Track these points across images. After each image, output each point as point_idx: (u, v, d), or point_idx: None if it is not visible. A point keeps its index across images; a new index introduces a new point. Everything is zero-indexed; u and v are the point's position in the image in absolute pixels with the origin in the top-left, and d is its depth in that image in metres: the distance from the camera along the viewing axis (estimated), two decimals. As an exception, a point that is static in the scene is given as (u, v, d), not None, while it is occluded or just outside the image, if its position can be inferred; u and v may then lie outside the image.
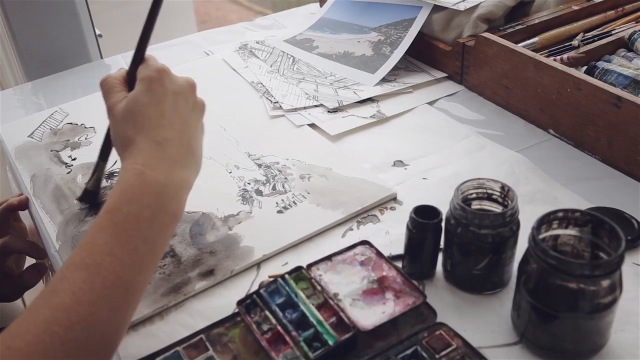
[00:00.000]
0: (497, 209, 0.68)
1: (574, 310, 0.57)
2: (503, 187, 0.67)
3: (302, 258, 0.74)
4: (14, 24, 1.19)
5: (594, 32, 1.10)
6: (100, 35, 1.42)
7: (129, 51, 1.27)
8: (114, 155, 0.76)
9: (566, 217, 0.61)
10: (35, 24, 1.20)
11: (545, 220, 0.60)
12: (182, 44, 1.31)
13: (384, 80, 1.10)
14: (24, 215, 0.95)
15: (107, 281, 0.56)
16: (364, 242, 0.72)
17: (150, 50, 1.10)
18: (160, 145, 0.65)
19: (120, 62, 1.24)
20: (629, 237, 0.73)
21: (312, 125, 0.99)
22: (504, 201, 0.67)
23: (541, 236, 0.61)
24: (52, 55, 1.23)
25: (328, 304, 0.65)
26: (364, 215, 0.80)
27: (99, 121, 1.02)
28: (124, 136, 0.66)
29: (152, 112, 0.66)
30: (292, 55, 1.19)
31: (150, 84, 0.68)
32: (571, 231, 0.62)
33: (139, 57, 0.72)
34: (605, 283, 0.56)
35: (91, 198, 0.84)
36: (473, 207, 0.69)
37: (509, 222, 0.64)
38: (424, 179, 0.87)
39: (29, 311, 0.54)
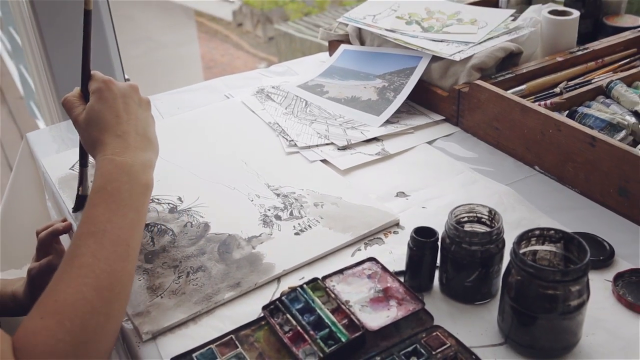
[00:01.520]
0: (485, 230, 0.79)
1: (549, 312, 0.68)
2: (490, 211, 0.79)
3: (316, 273, 0.85)
4: (55, 66, 1.32)
5: (576, 81, 1.22)
6: (128, 79, 1.55)
7: (155, 94, 1.40)
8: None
9: (542, 234, 0.72)
10: (73, 68, 1.33)
11: (525, 237, 0.72)
12: (204, 88, 1.44)
13: (388, 122, 1.22)
14: (63, 238, 1.07)
15: (112, 241, 0.72)
16: (371, 259, 0.84)
17: (175, 94, 1.25)
18: (120, 137, 0.82)
19: (148, 104, 1.37)
20: (601, 257, 0.85)
21: (324, 161, 1.11)
22: (491, 223, 0.79)
23: (522, 251, 0.72)
24: (87, 97, 1.36)
25: (340, 309, 0.75)
26: (370, 237, 0.92)
27: (132, 156, 1.14)
28: (91, 138, 0.83)
29: (108, 115, 0.83)
30: (304, 99, 1.32)
31: (101, 94, 0.84)
32: (547, 247, 0.73)
33: (86, 74, 0.88)
34: (574, 288, 0.67)
35: (83, 202, 0.98)
36: (465, 228, 0.80)
37: (495, 240, 0.76)
38: (423, 207, 0.98)
39: (59, 275, 0.69)
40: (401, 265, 0.84)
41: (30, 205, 1.29)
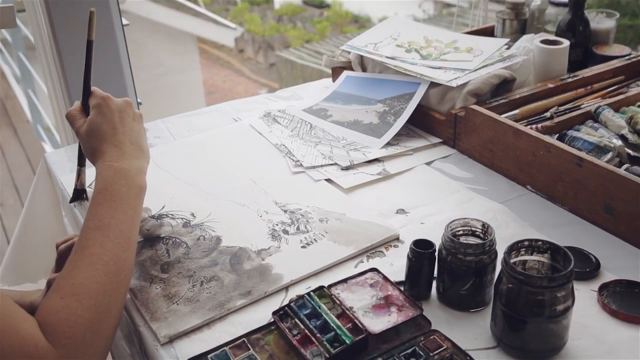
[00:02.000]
0: (479, 242, 0.85)
1: (538, 316, 0.74)
2: (484, 224, 0.85)
3: (322, 283, 0.90)
4: (72, 90, 1.39)
5: (567, 106, 1.29)
6: (140, 103, 1.63)
7: (167, 116, 1.47)
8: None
9: (531, 245, 0.79)
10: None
11: (514, 248, 0.78)
12: (213, 111, 1.51)
13: (389, 144, 1.29)
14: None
15: (115, 234, 0.83)
16: (373, 269, 0.90)
17: (185, 117, 1.32)
18: (117, 146, 0.93)
19: (160, 126, 1.44)
20: (587, 269, 0.91)
21: (328, 180, 1.17)
22: (484, 236, 0.85)
23: (512, 261, 0.79)
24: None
25: (345, 314, 0.81)
26: (372, 250, 0.98)
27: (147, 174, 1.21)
28: (91, 148, 0.95)
29: (106, 127, 0.95)
30: (309, 122, 1.39)
31: (100, 108, 0.96)
32: (535, 257, 0.79)
33: (87, 91, 0.99)
34: (560, 294, 0.73)
35: (79, 195, 1.14)
36: (460, 240, 0.86)
37: (488, 251, 0.82)
38: (421, 223, 1.04)
39: (72, 263, 0.80)
40: (401, 276, 0.90)
41: (46, 222, 1.35)
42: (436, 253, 0.86)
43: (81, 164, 1.11)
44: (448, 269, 0.84)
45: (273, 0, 16.59)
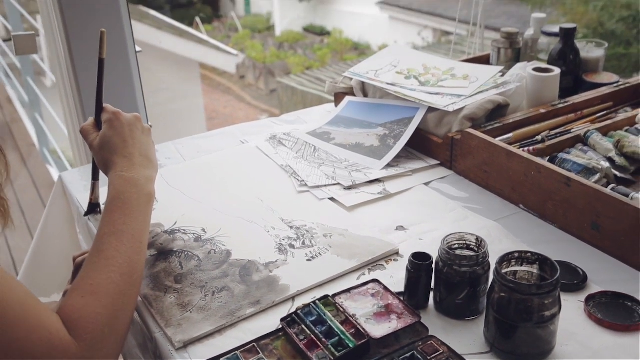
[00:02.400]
0: (473, 254, 0.91)
1: (527, 321, 0.80)
2: (477, 238, 0.91)
3: (326, 293, 0.96)
4: (86, 109, 1.46)
5: (557, 130, 1.36)
6: (150, 126, 1.69)
7: (178, 139, 1.54)
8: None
9: (520, 256, 0.85)
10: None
11: (505, 259, 0.84)
12: (221, 134, 1.58)
13: (389, 165, 1.35)
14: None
15: (128, 239, 0.90)
16: (375, 280, 0.96)
17: (195, 139, 1.40)
18: (127, 158, 1.01)
19: (171, 147, 1.50)
20: (575, 282, 0.97)
21: (332, 199, 1.24)
22: (478, 249, 0.91)
23: (503, 271, 0.85)
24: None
25: (348, 321, 0.87)
26: (373, 264, 1.04)
27: (158, 193, 1.27)
28: (104, 159, 1.02)
29: (117, 140, 1.02)
30: (313, 145, 1.46)
31: (112, 123, 1.04)
32: (525, 268, 0.85)
33: (99, 107, 1.08)
34: (547, 301, 0.79)
35: (94, 209, 1.21)
36: (456, 253, 0.92)
37: (482, 263, 0.88)
38: (420, 239, 1.11)
39: (89, 265, 0.87)
40: (401, 287, 0.96)
41: (61, 239, 1.41)
42: (433, 265, 0.92)
43: (95, 177, 1.18)
44: (444, 280, 0.90)
45: (274, 27, 16.82)
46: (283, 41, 15.61)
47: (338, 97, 1.65)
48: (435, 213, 1.19)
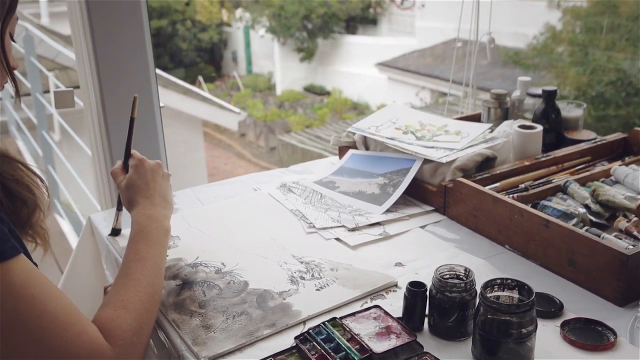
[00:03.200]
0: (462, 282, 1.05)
1: (508, 337, 0.93)
2: (466, 269, 1.05)
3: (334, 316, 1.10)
4: (114, 156, 1.62)
5: (540, 181, 1.51)
6: (169, 175, 1.84)
7: (196, 185, 1.69)
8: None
9: (502, 283, 0.99)
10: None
11: (489, 284, 0.98)
12: (235, 182, 1.73)
13: (388, 210, 1.50)
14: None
15: (151, 264, 1.07)
16: (376, 306, 1.09)
17: (211, 187, 1.56)
18: (148, 198, 1.19)
19: (189, 193, 1.65)
20: (552, 309, 1.10)
21: (337, 239, 1.38)
22: (466, 278, 1.05)
23: (488, 295, 0.98)
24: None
25: (354, 338, 1.00)
26: (375, 294, 1.17)
27: (180, 232, 1.41)
28: (129, 198, 1.21)
29: (141, 183, 1.21)
30: (320, 192, 1.61)
31: (137, 168, 1.23)
32: (506, 293, 0.99)
33: (128, 154, 1.27)
34: (525, 319, 0.93)
35: (116, 233, 1.43)
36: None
37: (469, 290, 1.02)
38: (416, 274, 1.24)
39: (119, 285, 1.03)
40: (399, 314, 1.09)
41: (88, 275, 1.54)
42: (427, 292, 1.06)
43: (119, 208, 1.40)
44: (437, 305, 1.04)
45: (275, 86, 17.22)
46: (284, 100, 15.97)
47: (342, 150, 1.81)
48: (430, 252, 1.33)
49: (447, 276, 1.06)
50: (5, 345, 0.86)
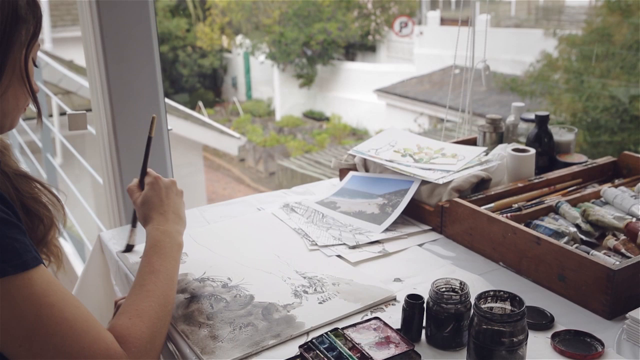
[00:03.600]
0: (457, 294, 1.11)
1: (500, 345, 0.99)
2: (461, 282, 1.11)
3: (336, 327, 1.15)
4: (126, 184, 1.68)
5: (533, 201, 1.58)
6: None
7: (202, 205, 1.75)
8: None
9: (495, 295, 1.04)
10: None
11: (483, 296, 1.04)
12: (240, 202, 1.79)
13: (387, 229, 1.56)
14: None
15: (164, 277, 1.13)
16: (376, 318, 1.15)
17: (217, 207, 1.63)
18: (162, 215, 1.26)
19: (196, 213, 1.71)
20: (544, 322, 1.16)
21: (339, 256, 1.44)
22: (461, 291, 1.11)
23: (482, 306, 1.04)
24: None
25: (355, 347, 1.06)
26: (375, 307, 1.23)
27: (188, 249, 1.47)
28: (144, 215, 1.27)
29: (155, 200, 1.27)
30: (321, 212, 1.67)
31: (152, 185, 1.29)
32: (499, 304, 1.05)
33: (144, 172, 1.33)
34: (516, 328, 0.98)
35: (129, 249, 1.48)
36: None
37: (464, 302, 1.08)
38: (414, 288, 1.30)
39: (134, 295, 1.08)
40: (397, 326, 1.15)
41: (97, 289, 1.60)
42: (425, 304, 1.12)
43: (134, 225, 1.47)
44: (433, 317, 1.09)
45: (274, 112, 17.36)
46: (283, 126, 16.09)
47: (342, 172, 1.88)
48: (427, 268, 1.39)
49: (444, 289, 1.12)
50: (27, 350, 0.91)
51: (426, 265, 1.41)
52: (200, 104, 16.79)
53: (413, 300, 1.11)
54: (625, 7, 6.57)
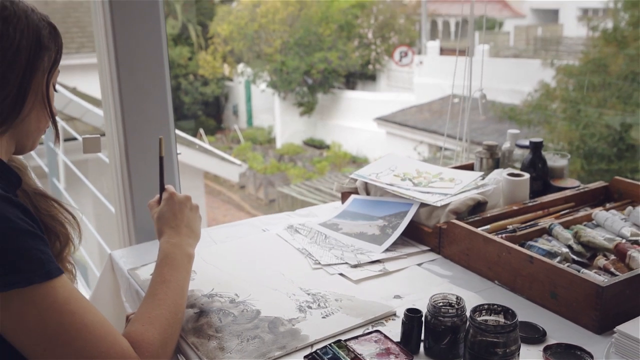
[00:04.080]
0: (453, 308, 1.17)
1: (494, 356, 1.05)
2: (457, 297, 1.18)
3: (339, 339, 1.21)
4: (136, 205, 1.75)
5: (528, 223, 1.64)
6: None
7: (210, 227, 1.82)
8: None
9: (489, 308, 1.11)
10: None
11: (478, 309, 1.10)
12: (245, 224, 1.86)
13: (387, 250, 1.63)
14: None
15: (175, 287, 1.20)
16: (377, 331, 1.21)
17: (223, 228, 1.70)
18: (174, 229, 1.34)
19: (203, 233, 1.77)
20: (536, 336, 1.22)
21: (341, 274, 1.50)
22: (457, 305, 1.17)
23: (478, 319, 1.10)
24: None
25: (357, 358, 1.12)
26: (375, 322, 1.29)
27: (196, 267, 1.53)
28: (158, 228, 1.35)
29: (169, 215, 1.36)
30: (324, 233, 1.74)
31: (167, 201, 1.38)
32: (493, 317, 1.11)
33: (162, 188, 1.41)
34: (509, 339, 1.05)
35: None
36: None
37: (460, 315, 1.14)
38: (413, 305, 1.36)
39: (146, 303, 1.15)
40: (397, 339, 1.21)
41: (107, 306, 1.66)
42: (423, 318, 1.18)
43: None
44: (431, 329, 1.16)
45: (275, 140, 17.49)
46: (283, 153, 16.21)
47: (344, 196, 1.95)
48: (426, 286, 1.45)
49: (441, 303, 1.19)
50: (50, 354, 0.97)
51: (425, 283, 1.47)
52: (202, 131, 16.92)
53: (412, 314, 1.17)
54: (621, 38, 6.71)
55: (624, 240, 1.49)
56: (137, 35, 1.66)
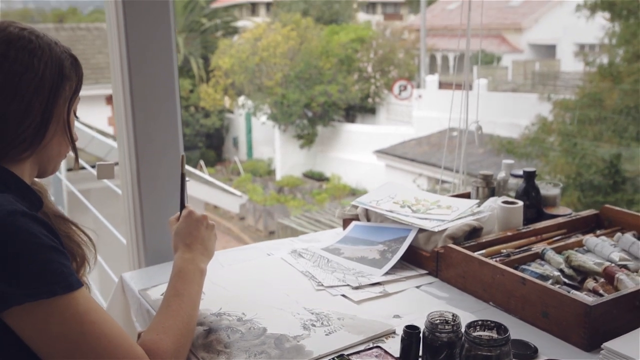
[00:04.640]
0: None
1: (487, 368, 1.12)
2: (453, 314, 1.25)
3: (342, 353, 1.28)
4: (147, 228, 1.83)
5: (521, 248, 1.72)
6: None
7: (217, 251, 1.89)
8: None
9: (483, 324, 1.18)
10: (163, 230, 1.84)
11: (472, 325, 1.17)
12: (250, 249, 1.94)
13: (387, 273, 1.70)
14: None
15: (187, 299, 1.28)
16: (377, 346, 1.28)
17: (230, 252, 1.79)
18: (188, 245, 1.41)
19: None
20: (528, 352, 1.29)
21: (343, 295, 1.57)
22: (453, 322, 1.24)
23: (473, 334, 1.17)
24: (165, 248, 1.85)
25: (358, 371, 1.19)
26: (376, 339, 1.36)
27: (204, 288, 1.60)
28: (174, 244, 1.43)
29: (185, 232, 1.43)
30: (327, 258, 1.81)
31: (184, 219, 1.46)
32: (487, 332, 1.18)
33: (182, 205, 1.50)
34: (502, 352, 1.12)
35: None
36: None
37: (455, 331, 1.21)
38: (411, 323, 1.43)
39: (161, 314, 1.23)
40: (397, 355, 1.27)
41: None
42: (421, 334, 1.25)
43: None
44: (429, 345, 1.23)
45: (275, 172, 17.61)
46: (283, 185, 16.31)
47: (346, 222, 2.02)
48: (424, 307, 1.52)
49: (438, 320, 1.26)
50: None
51: (423, 304, 1.54)
52: (202, 162, 17.04)
53: (411, 330, 1.25)
54: (616, 73, 6.86)
55: (612, 264, 1.56)
56: (150, 67, 1.76)
